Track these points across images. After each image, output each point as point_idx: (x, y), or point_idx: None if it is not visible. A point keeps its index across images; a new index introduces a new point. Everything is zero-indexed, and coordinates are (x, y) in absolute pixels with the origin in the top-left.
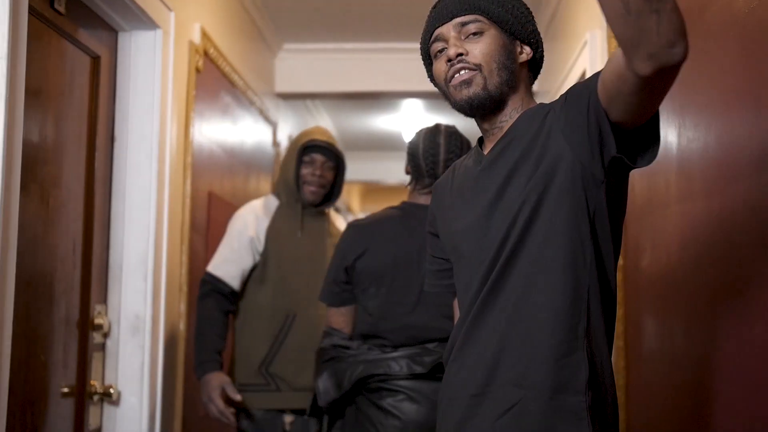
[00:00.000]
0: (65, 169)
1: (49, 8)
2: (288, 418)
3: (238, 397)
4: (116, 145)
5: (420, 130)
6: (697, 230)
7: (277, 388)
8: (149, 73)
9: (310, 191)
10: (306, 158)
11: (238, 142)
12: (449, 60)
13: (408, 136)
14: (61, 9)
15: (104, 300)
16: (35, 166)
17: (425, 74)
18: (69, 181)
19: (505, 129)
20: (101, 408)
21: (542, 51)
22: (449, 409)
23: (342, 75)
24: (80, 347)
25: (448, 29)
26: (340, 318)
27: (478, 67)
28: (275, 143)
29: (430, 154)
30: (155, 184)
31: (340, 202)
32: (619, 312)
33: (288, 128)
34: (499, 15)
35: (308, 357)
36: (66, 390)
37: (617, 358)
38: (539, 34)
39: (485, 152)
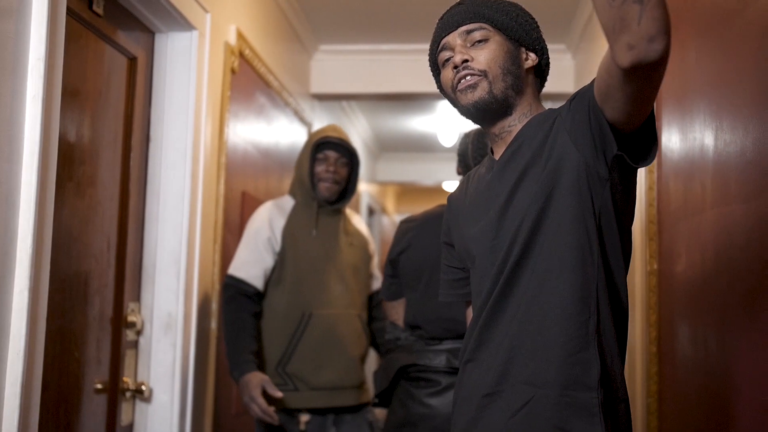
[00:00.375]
0: (101, 168)
1: (88, 10)
2: (303, 417)
3: (279, 394)
4: (151, 145)
5: (468, 132)
6: (733, 235)
7: (294, 388)
8: (185, 74)
9: (324, 188)
10: (319, 155)
11: (272, 143)
12: (455, 67)
13: (443, 138)
14: (99, 11)
15: (138, 298)
16: (72, 165)
17: None
18: (105, 181)
19: (514, 133)
20: (133, 404)
21: (548, 58)
22: (462, 409)
23: (378, 76)
24: (113, 344)
25: (453, 38)
26: (394, 311)
27: (483, 73)
28: None
29: (479, 155)
30: (189, 184)
31: (375, 204)
32: (653, 317)
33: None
34: (503, 22)
35: (325, 356)
36: (99, 386)
37: (650, 364)
38: (544, 41)
39: (496, 158)
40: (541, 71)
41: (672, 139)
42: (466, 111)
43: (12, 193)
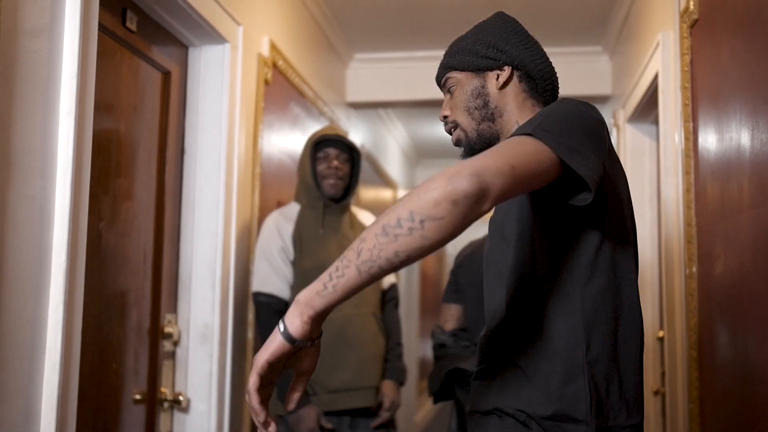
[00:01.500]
0: (137, 181)
1: (121, 26)
2: (327, 425)
3: (330, 426)
4: (186, 157)
5: None
6: None
7: (313, 392)
8: (218, 86)
9: (329, 185)
10: (319, 154)
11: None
12: (441, 120)
13: None
14: (133, 27)
15: (174, 309)
16: (108, 179)
17: None
18: (140, 194)
19: None
20: (171, 415)
21: (528, 58)
22: (468, 422)
23: (413, 83)
24: (151, 355)
25: (442, 91)
26: (446, 313)
27: (455, 124)
28: None
29: None
30: (224, 195)
31: None
32: (693, 321)
33: (360, 137)
34: (460, 63)
35: (338, 357)
36: (138, 397)
37: (691, 369)
38: (518, 45)
39: None
40: (526, 75)
41: (708, 140)
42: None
43: (46, 209)
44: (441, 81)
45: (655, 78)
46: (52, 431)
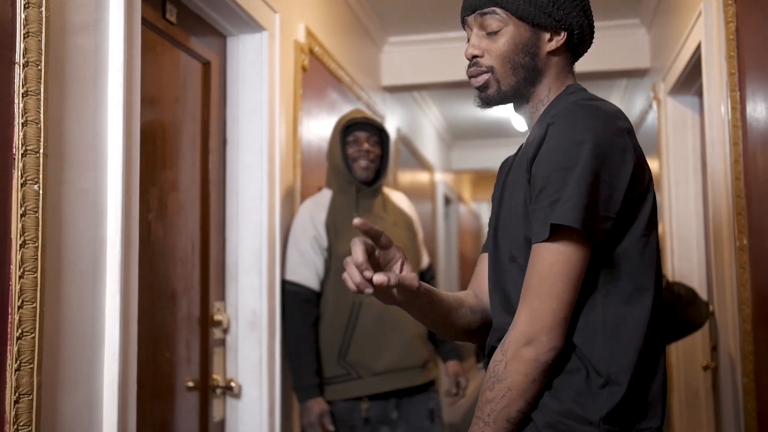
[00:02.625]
0: (182, 172)
1: (162, 19)
2: (364, 405)
3: (331, 428)
4: (228, 146)
5: None
6: None
7: (358, 376)
8: (257, 75)
9: (361, 168)
10: (349, 138)
11: None
12: (467, 59)
13: (517, 122)
14: (173, 19)
15: (222, 297)
16: (155, 171)
17: None
18: (186, 184)
19: (542, 112)
20: (224, 401)
21: (585, 29)
22: None
23: (448, 64)
24: (202, 343)
25: (472, 20)
26: None
27: (491, 69)
28: None
29: None
30: (267, 183)
31: (451, 192)
32: (745, 295)
33: (396, 121)
34: (518, 8)
35: (382, 340)
36: (191, 384)
37: (744, 343)
38: (580, 12)
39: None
40: (573, 45)
41: (757, 109)
42: (477, 103)
43: (99, 201)
44: (482, 10)
45: (698, 48)
46: (114, 419)
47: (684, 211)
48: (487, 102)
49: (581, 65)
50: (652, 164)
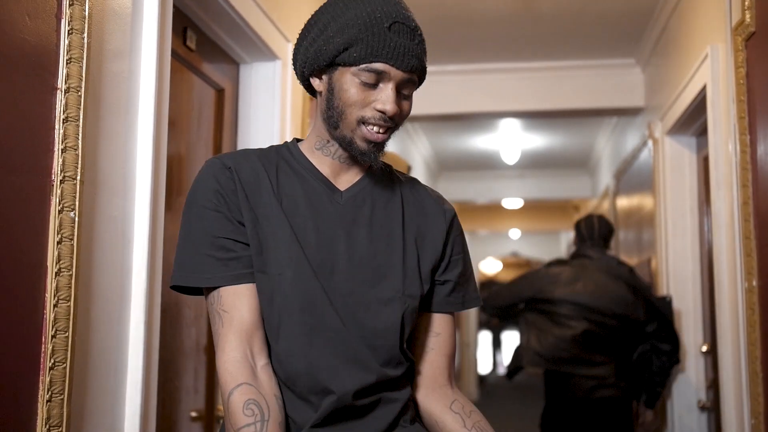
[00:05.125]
0: None
1: (182, 45)
2: None
3: None
4: None
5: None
6: None
7: None
8: (269, 102)
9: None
10: None
11: None
12: (383, 113)
13: (506, 155)
14: (192, 45)
15: None
16: (171, 196)
17: (522, 94)
18: None
19: (357, 172)
20: None
21: None
22: None
23: (441, 97)
24: (208, 373)
25: (397, 76)
26: None
27: (395, 127)
28: None
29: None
30: None
31: None
32: (753, 335)
33: (389, 150)
34: (422, 79)
35: None
36: (194, 414)
37: (752, 384)
38: None
39: (331, 178)
40: None
41: None
42: (356, 152)
43: (127, 229)
44: (413, 76)
45: (702, 90)
46: None
47: (681, 248)
48: (375, 158)
49: (575, 102)
50: (646, 201)
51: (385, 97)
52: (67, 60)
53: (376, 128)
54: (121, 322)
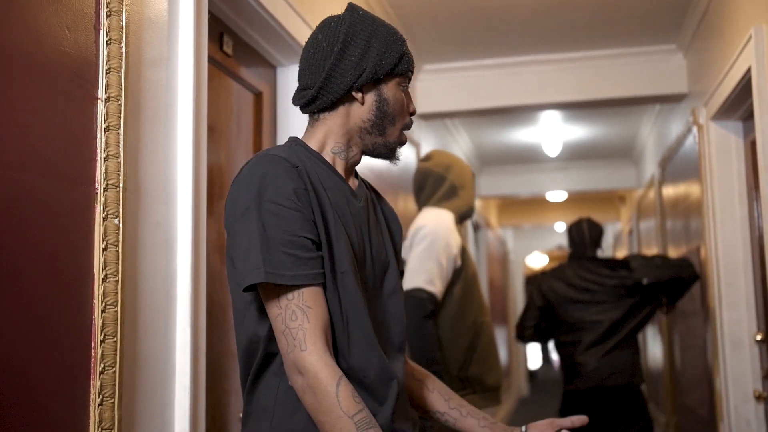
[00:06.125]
0: None
1: (219, 51)
2: None
3: None
4: None
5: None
6: None
7: (473, 391)
8: None
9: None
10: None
11: (384, 164)
12: (413, 114)
13: (548, 148)
14: (229, 51)
15: None
16: (212, 201)
17: (562, 85)
18: None
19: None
20: None
21: None
22: None
23: (481, 91)
24: None
25: (405, 79)
26: None
27: None
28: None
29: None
30: None
31: (479, 218)
32: None
33: (429, 148)
34: None
35: (491, 359)
36: (242, 416)
37: None
38: None
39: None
40: None
41: None
42: (392, 148)
43: (170, 234)
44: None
45: (747, 73)
46: None
47: (730, 236)
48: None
49: (616, 91)
50: (693, 188)
51: (412, 101)
52: (106, 70)
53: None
54: (168, 326)
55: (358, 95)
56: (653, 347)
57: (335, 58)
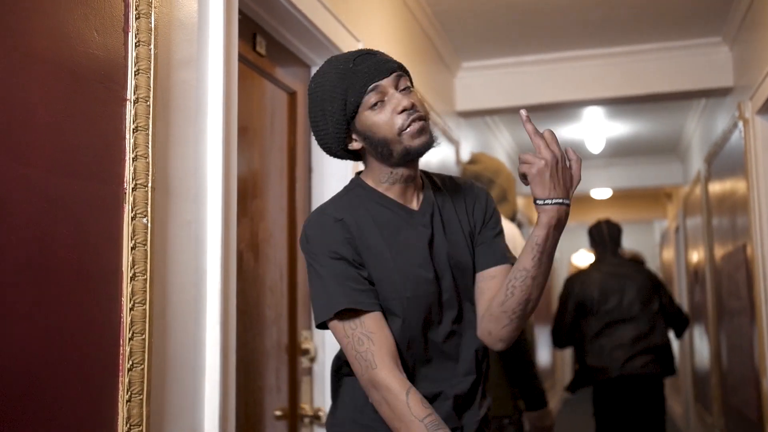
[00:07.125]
0: (270, 201)
1: (252, 51)
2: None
3: None
4: (313, 175)
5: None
6: None
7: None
8: None
9: None
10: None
11: (423, 162)
12: (405, 110)
13: (591, 145)
14: (262, 51)
15: (310, 326)
16: (246, 201)
17: (605, 80)
18: (274, 213)
19: (418, 181)
20: (312, 430)
21: None
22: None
23: (521, 88)
24: (290, 372)
25: (387, 82)
26: None
27: (425, 117)
28: (458, 161)
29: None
30: None
31: (522, 217)
32: None
33: (470, 146)
34: (405, 69)
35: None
36: (279, 413)
37: None
38: None
39: (403, 201)
40: None
41: None
42: (415, 151)
43: (200, 233)
44: (398, 72)
45: None
46: None
47: None
48: (427, 147)
49: (660, 86)
50: (739, 184)
51: (396, 101)
52: (135, 71)
53: (412, 125)
54: (198, 324)
55: (352, 145)
56: (700, 347)
57: (315, 136)
